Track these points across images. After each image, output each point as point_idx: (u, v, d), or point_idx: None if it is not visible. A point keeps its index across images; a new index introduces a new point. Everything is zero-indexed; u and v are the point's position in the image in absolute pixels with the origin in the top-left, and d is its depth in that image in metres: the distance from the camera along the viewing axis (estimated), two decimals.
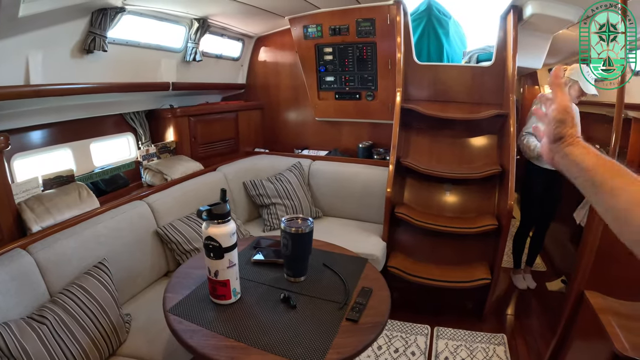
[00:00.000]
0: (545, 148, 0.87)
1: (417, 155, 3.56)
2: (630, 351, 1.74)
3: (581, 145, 0.80)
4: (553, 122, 0.83)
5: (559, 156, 0.83)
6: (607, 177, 0.74)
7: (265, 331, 1.56)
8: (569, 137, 0.81)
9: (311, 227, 1.86)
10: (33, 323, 1.74)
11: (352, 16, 3.69)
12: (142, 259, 2.58)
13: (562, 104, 0.82)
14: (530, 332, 3.19)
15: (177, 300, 1.75)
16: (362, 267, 2.11)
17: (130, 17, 2.78)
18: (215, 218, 1.63)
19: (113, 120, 3.35)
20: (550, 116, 0.84)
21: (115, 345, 2.03)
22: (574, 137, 0.81)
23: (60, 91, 2.45)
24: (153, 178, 3.27)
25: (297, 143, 4.61)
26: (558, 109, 0.82)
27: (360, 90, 4.04)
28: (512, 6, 3.23)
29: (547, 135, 0.86)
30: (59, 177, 2.64)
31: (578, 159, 0.79)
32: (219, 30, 3.80)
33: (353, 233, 3.41)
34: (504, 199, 3.08)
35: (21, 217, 2.25)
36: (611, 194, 0.74)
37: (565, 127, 0.81)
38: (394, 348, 2.93)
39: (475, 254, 3.27)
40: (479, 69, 3.80)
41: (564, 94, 0.83)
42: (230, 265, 1.66)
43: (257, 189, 3.55)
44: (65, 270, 2.10)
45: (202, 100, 4.18)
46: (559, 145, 0.83)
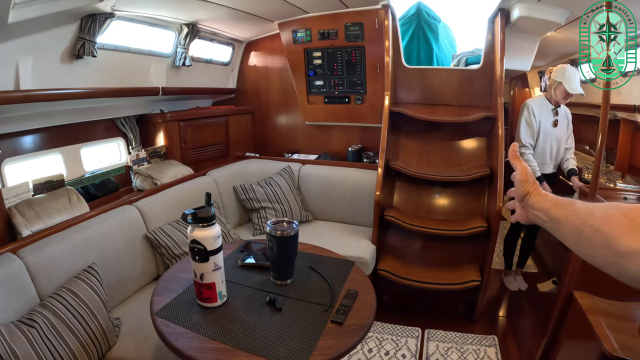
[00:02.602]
0: (519, 212, 1.03)
1: (406, 158, 3.58)
2: (619, 351, 1.76)
3: (542, 193, 0.95)
4: (519, 184, 0.99)
5: (529, 211, 0.97)
6: (560, 211, 0.87)
7: (250, 333, 1.57)
8: (532, 190, 0.96)
9: (296, 230, 1.87)
10: (23, 327, 1.74)
11: (340, 20, 3.72)
12: (132, 263, 2.58)
13: (522, 169, 0.99)
14: (522, 333, 3.21)
15: (163, 304, 1.76)
16: (349, 269, 2.12)
17: (119, 22, 2.80)
18: (200, 221, 1.64)
19: (103, 125, 3.36)
20: (515, 180, 1.00)
21: (104, 348, 2.03)
22: (535, 189, 0.96)
23: (50, 96, 2.47)
24: (143, 183, 3.28)
25: (287, 147, 4.64)
26: (520, 173, 0.99)
27: (350, 94, 4.07)
28: (500, 9, 3.27)
29: (516, 198, 1.02)
30: (49, 181, 2.64)
31: (541, 204, 0.92)
32: (209, 35, 3.82)
33: (342, 236, 3.43)
34: (494, 201, 3.10)
35: (11, 222, 2.25)
36: (564, 224, 0.86)
37: (528, 184, 0.97)
38: (384, 351, 2.94)
39: (465, 256, 3.29)
40: (468, 71, 3.84)
41: (521, 162, 1.01)
42: (215, 268, 1.67)
43: (247, 193, 3.56)
44: (55, 274, 2.11)
45: (192, 105, 4.20)
46: (527, 201, 0.97)
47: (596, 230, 0.77)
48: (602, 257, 0.77)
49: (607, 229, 0.75)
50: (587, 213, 0.81)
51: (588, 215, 0.80)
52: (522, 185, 0.97)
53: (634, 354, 1.74)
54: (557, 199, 0.90)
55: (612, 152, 3.85)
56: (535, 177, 1.02)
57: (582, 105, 3.94)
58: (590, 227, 0.78)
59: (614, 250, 0.73)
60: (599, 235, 0.76)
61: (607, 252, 0.75)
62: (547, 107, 3.39)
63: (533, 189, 0.96)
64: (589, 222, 0.79)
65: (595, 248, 0.78)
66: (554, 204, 0.89)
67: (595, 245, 0.78)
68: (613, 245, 0.73)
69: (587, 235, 0.79)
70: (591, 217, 0.79)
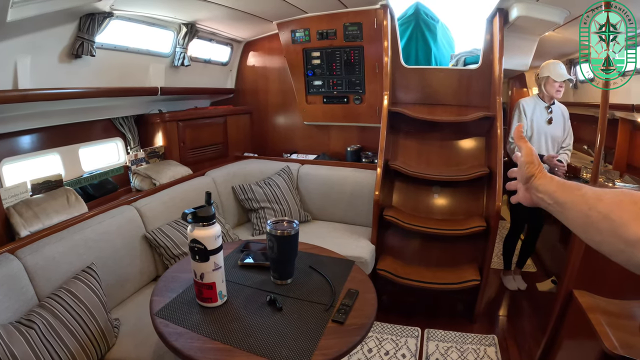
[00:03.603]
0: (522, 193, 1.02)
1: (405, 158, 3.59)
2: (620, 349, 1.75)
3: (548, 176, 0.94)
4: (523, 165, 0.98)
5: (533, 194, 0.96)
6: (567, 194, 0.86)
7: (250, 333, 1.57)
8: (537, 172, 0.96)
9: (297, 229, 1.87)
10: (21, 327, 1.73)
11: (339, 20, 3.72)
12: (130, 264, 2.58)
13: (527, 150, 0.99)
14: (521, 332, 3.21)
15: (163, 304, 1.75)
16: (349, 269, 2.11)
17: (118, 22, 2.79)
18: (200, 221, 1.64)
19: (102, 125, 3.35)
20: (520, 162, 1.00)
21: (103, 349, 2.02)
22: (541, 172, 0.95)
23: (48, 96, 2.46)
24: (142, 183, 3.27)
25: (286, 147, 4.64)
26: (526, 154, 0.98)
27: (348, 94, 4.06)
28: (498, 9, 3.28)
29: (520, 180, 1.01)
30: (47, 182, 2.63)
31: (546, 187, 0.92)
32: (208, 35, 3.81)
33: (342, 236, 3.42)
34: (492, 201, 3.10)
35: (9, 222, 2.24)
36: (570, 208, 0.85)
37: (533, 165, 0.96)
38: (384, 351, 2.93)
39: (464, 255, 3.30)
40: (466, 71, 3.84)
41: (527, 143, 1.01)
42: (215, 267, 1.67)
43: (246, 193, 3.56)
44: (54, 274, 2.10)
45: (190, 105, 4.19)
46: (531, 183, 0.96)
47: (604, 217, 0.77)
48: (609, 245, 0.77)
49: (616, 216, 0.75)
50: (595, 198, 0.80)
51: (596, 201, 0.79)
52: (527, 166, 0.97)
53: (635, 351, 1.73)
54: (563, 182, 0.90)
55: (610, 152, 3.85)
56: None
57: (580, 105, 3.95)
58: (598, 213, 0.78)
59: (622, 238, 0.73)
60: (608, 222, 0.76)
61: (615, 239, 0.75)
62: (541, 106, 3.43)
63: (538, 171, 0.96)
64: (597, 208, 0.78)
65: (603, 235, 0.77)
66: (560, 187, 0.89)
67: (603, 232, 0.77)
68: (622, 232, 0.73)
69: (594, 221, 0.79)
70: (599, 202, 0.79)
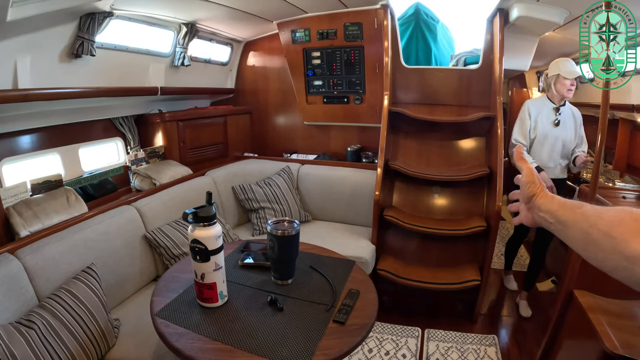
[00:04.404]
0: (524, 214, 1.02)
1: (405, 158, 3.58)
2: (620, 349, 1.75)
3: (549, 196, 0.94)
4: (525, 185, 0.98)
5: (535, 213, 0.96)
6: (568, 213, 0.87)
7: (251, 333, 1.56)
8: (539, 191, 0.96)
9: (297, 229, 1.86)
10: (21, 328, 1.72)
11: (339, 20, 3.72)
12: (130, 264, 2.57)
13: (527, 171, 0.99)
14: (522, 332, 3.21)
15: (164, 304, 1.74)
16: (350, 269, 2.11)
17: (118, 21, 2.79)
18: (201, 220, 1.63)
19: (102, 125, 3.34)
20: (521, 182, 1.00)
21: (104, 350, 2.02)
22: (542, 191, 0.95)
23: (48, 95, 2.45)
24: (142, 183, 3.27)
25: (286, 147, 4.64)
26: (526, 174, 0.99)
27: (348, 94, 4.06)
28: (499, 9, 3.27)
29: (522, 200, 1.01)
30: (47, 181, 2.63)
31: (548, 206, 0.92)
32: (208, 35, 3.81)
33: (342, 236, 3.42)
34: (493, 201, 3.10)
35: (9, 222, 2.24)
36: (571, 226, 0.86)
37: (534, 185, 0.96)
38: (384, 351, 2.93)
39: (464, 255, 3.29)
40: (467, 71, 3.84)
41: (527, 164, 1.01)
42: (216, 268, 1.66)
43: (246, 193, 3.55)
44: (54, 275, 2.09)
45: (190, 105, 4.19)
46: (533, 202, 0.96)
47: (605, 234, 0.77)
48: (611, 261, 0.77)
49: (617, 233, 0.75)
50: (596, 216, 0.80)
51: (597, 219, 0.80)
52: (528, 186, 0.97)
53: (635, 351, 1.74)
54: (564, 201, 0.90)
55: (610, 152, 3.85)
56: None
57: (580, 105, 3.94)
58: (599, 231, 0.78)
59: (623, 255, 0.73)
60: (608, 239, 0.76)
61: (616, 256, 0.75)
62: (549, 107, 3.29)
63: (539, 190, 0.96)
64: (598, 226, 0.79)
65: (605, 252, 0.77)
66: (561, 206, 0.89)
67: (604, 250, 0.77)
68: (622, 249, 0.73)
69: (595, 238, 0.79)
70: (600, 220, 0.79)
